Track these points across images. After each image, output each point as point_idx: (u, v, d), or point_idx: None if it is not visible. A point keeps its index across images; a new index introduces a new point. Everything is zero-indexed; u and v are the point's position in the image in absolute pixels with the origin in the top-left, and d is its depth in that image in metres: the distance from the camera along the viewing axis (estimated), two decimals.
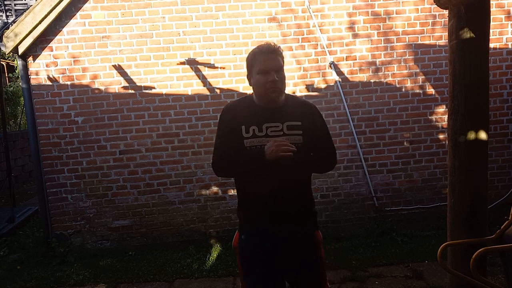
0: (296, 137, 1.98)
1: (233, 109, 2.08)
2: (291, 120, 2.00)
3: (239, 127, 1.98)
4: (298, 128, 2.00)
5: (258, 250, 2.03)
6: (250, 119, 1.99)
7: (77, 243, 4.55)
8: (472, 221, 1.93)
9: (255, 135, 1.96)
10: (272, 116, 1.99)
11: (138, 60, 4.38)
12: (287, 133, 1.97)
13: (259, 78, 1.95)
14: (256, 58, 1.97)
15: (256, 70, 1.96)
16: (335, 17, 4.44)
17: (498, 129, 4.66)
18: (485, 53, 1.89)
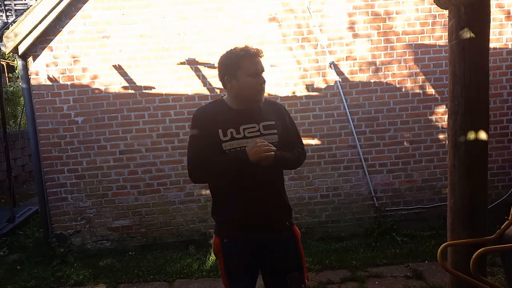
0: (272, 136, 2.02)
1: (207, 113, 2.05)
2: (266, 120, 2.04)
3: (215, 131, 1.97)
4: (273, 127, 2.05)
5: (244, 253, 2.05)
6: (227, 122, 1.99)
7: (77, 243, 4.55)
8: (472, 221, 1.93)
9: (233, 138, 1.97)
10: (247, 117, 2.02)
11: (138, 60, 4.38)
12: (264, 133, 2.01)
13: (250, 80, 1.96)
14: (244, 60, 1.97)
15: (246, 72, 1.96)
16: (335, 17, 4.44)
17: (498, 129, 4.66)
18: (485, 53, 1.89)
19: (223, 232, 2.08)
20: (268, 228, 2.05)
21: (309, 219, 4.65)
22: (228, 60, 2.00)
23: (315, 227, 4.65)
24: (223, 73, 2.02)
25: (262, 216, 2.02)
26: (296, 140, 2.19)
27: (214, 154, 1.97)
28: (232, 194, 2.02)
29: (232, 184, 2.00)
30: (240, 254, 2.05)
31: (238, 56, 1.98)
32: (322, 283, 3.61)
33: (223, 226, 2.09)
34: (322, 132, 4.56)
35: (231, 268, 2.07)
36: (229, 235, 2.06)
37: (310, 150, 4.58)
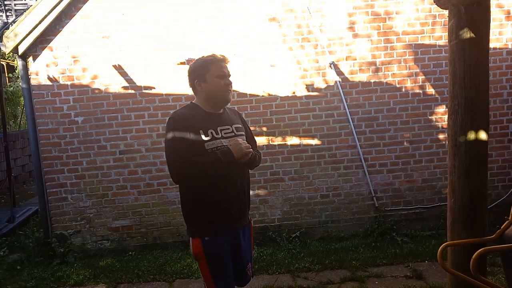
0: (243, 137, 2.24)
1: (185, 116, 2.15)
2: (235, 123, 2.27)
3: (196, 131, 2.09)
4: (241, 129, 2.28)
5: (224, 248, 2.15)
6: (205, 123, 2.13)
7: (77, 243, 4.55)
8: (472, 221, 1.93)
9: (214, 138, 2.11)
10: (221, 119, 2.21)
11: (138, 60, 4.38)
12: (237, 133, 2.22)
13: (218, 82, 2.16)
14: (211, 64, 2.18)
15: (214, 74, 2.16)
16: (335, 17, 4.44)
17: (498, 129, 4.66)
18: (485, 53, 1.89)
19: (203, 231, 2.16)
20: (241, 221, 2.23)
21: (309, 219, 4.65)
22: (197, 65, 2.20)
23: (315, 227, 4.65)
24: (193, 78, 2.21)
25: (238, 211, 2.19)
26: (254, 143, 2.40)
27: (196, 154, 2.07)
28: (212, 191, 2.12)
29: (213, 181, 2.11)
30: (222, 250, 2.14)
31: (207, 61, 2.19)
32: (322, 283, 3.61)
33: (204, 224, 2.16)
34: (322, 132, 4.56)
35: (216, 267, 2.14)
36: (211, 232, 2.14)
37: (310, 150, 4.58)
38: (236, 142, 2.09)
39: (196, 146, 2.07)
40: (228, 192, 2.14)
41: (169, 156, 2.11)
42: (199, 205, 2.16)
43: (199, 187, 2.14)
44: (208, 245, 2.13)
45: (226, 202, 2.14)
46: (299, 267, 3.92)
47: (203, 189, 2.13)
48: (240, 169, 2.17)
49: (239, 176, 2.18)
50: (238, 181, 2.17)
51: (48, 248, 4.45)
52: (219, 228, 2.14)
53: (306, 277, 3.76)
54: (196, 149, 2.07)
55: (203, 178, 2.10)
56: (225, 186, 2.13)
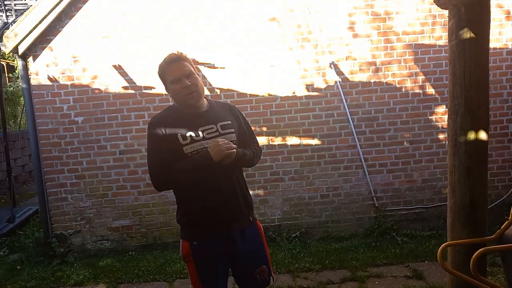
0: (231, 135, 2.07)
1: (163, 120, 2.06)
2: (222, 120, 2.09)
3: (174, 136, 1.99)
4: (230, 126, 2.10)
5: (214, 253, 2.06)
6: (184, 126, 2.01)
7: (77, 243, 4.55)
8: (472, 221, 1.93)
9: (193, 140, 2.00)
10: (203, 119, 2.06)
11: (138, 60, 4.38)
12: (222, 132, 2.05)
13: (174, 88, 2.03)
14: (164, 70, 2.07)
15: (169, 80, 2.04)
16: (335, 17, 4.44)
17: (498, 129, 4.66)
18: (485, 53, 1.89)
19: (192, 235, 2.09)
20: (236, 225, 2.09)
21: (309, 219, 4.65)
22: (158, 72, 2.11)
23: (315, 227, 4.65)
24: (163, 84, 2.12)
25: (229, 213, 2.06)
26: (252, 138, 2.26)
27: (176, 160, 1.98)
28: (197, 195, 2.03)
29: (197, 185, 2.01)
30: (211, 255, 2.06)
31: (161, 67, 2.10)
32: (322, 283, 3.62)
33: (192, 228, 2.09)
34: (322, 132, 4.56)
35: (204, 271, 2.07)
36: (198, 237, 2.07)
37: (310, 150, 4.58)
38: (215, 144, 1.95)
39: (175, 151, 1.98)
40: (212, 196, 2.01)
41: (148, 163, 2.05)
42: (186, 209, 2.09)
43: (184, 192, 2.07)
44: (196, 249, 2.06)
45: (212, 206, 2.02)
46: (299, 267, 3.92)
47: (188, 193, 2.06)
48: (224, 171, 2.01)
49: (223, 178, 2.03)
50: (223, 184, 2.03)
51: (48, 248, 4.45)
52: (208, 233, 2.06)
53: (306, 277, 3.76)
54: (176, 154, 1.98)
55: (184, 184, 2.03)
56: (208, 190, 2.01)
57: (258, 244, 2.18)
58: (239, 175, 2.15)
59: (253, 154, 2.17)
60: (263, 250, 2.19)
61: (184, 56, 2.07)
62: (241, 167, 2.19)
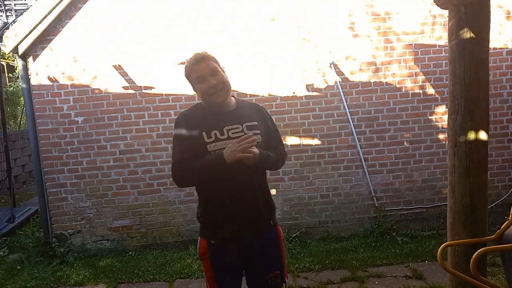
0: (256, 136, 2.01)
1: (189, 117, 2.06)
2: (249, 121, 2.07)
3: (200, 133, 1.99)
4: (256, 127, 2.07)
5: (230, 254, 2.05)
6: (210, 124, 2.01)
7: (77, 243, 4.55)
8: (472, 221, 1.93)
9: (217, 139, 1.99)
10: (230, 118, 2.05)
11: (138, 60, 4.38)
12: (248, 133, 2.02)
13: (200, 87, 2.03)
14: (190, 70, 2.05)
15: (195, 80, 2.04)
16: (335, 17, 4.44)
17: (498, 129, 4.66)
18: (485, 53, 1.89)
19: (210, 234, 2.08)
20: (253, 228, 2.06)
21: (309, 219, 4.65)
22: (184, 74, 2.10)
23: (315, 227, 4.65)
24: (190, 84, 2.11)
25: (248, 215, 2.04)
26: (278, 141, 2.24)
27: (198, 157, 1.97)
28: (217, 194, 2.02)
29: (217, 184, 1.99)
30: (227, 255, 2.05)
31: (187, 67, 2.08)
32: (322, 283, 3.62)
33: (209, 227, 2.08)
34: (322, 132, 4.56)
35: (219, 270, 2.06)
36: (216, 236, 2.06)
37: (310, 150, 4.58)
38: (230, 146, 1.90)
39: (200, 149, 1.98)
40: (230, 197, 2.00)
41: (172, 160, 2.06)
42: (204, 207, 2.09)
43: (205, 190, 2.08)
44: (213, 249, 2.05)
45: (229, 206, 2.01)
46: (299, 267, 3.92)
47: (207, 192, 2.06)
48: (244, 172, 1.96)
49: (243, 179, 1.99)
50: (242, 185, 2.00)
51: (48, 248, 4.45)
52: (225, 233, 2.04)
53: (306, 277, 3.76)
54: (200, 152, 1.98)
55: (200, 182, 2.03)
56: (226, 190, 2.00)
57: (275, 249, 2.14)
58: (261, 177, 2.12)
59: (277, 157, 2.14)
60: (279, 255, 2.15)
61: (208, 55, 2.06)
62: (264, 170, 2.16)
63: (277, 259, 2.15)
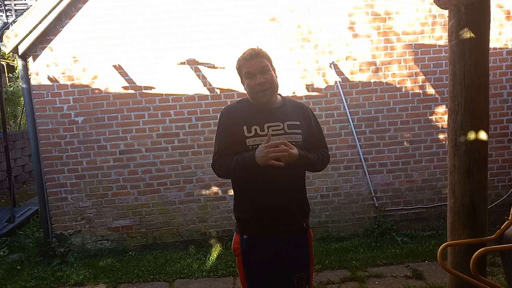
0: (296, 136, 2.04)
1: (233, 110, 2.10)
2: (290, 120, 2.07)
3: (240, 127, 2.01)
4: (298, 127, 2.06)
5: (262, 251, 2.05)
6: (251, 119, 2.02)
7: (77, 243, 4.55)
8: (472, 221, 1.93)
9: (257, 134, 2.00)
10: (272, 116, 2.05)
11: (138, 60, 4.38)
12: (288, 131, 2.02)
13: (248, 82, 2.04)
14: (242, 64, 2.06)
15: (245, 75, 2.05)
16: (335, 17, 4.44)
17: (498, 129, 4.66)
18: (485, 53, 1.89)
19: (243, 229, 2.09)
20: (286, 228, 2.06)
21: (309, 219, 4.63)
22: (236, 66, 2.11)
23: (315, 227, 4.65)
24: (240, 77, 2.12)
25: (282, 215, 2.04)
26: (321, 143, 2.21)
27: (237, 150, 2.00)
28: (252, 191, 2.04)
29: (252, 181, 2.01)
30: (259, 251, 2.05)
31: (239, 61, 2.08)
32: (322, 283, 3.61)
33: (244, 223, 2.09)
34: None
35: (250, 266, 2.07)
36: (249, 232, 2.07)
37: None
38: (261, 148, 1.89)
39: (239, 142, 1.99)
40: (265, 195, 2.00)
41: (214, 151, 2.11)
42: (240, 202, 2.11)
43: (241, 185, 2.09)
44: (245, 243, 2.06)
45: (263, 204, 2.01)
46: None
47: (243, 187, 2.08)
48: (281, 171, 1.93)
49: (279, 178, 1.97)
50: (278, 184, 1.98)
51: (48, 248, 4.45)
52: (257, 229, 2.05)
53: None
54: (239, 145, 1.99)
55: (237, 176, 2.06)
56: (261, 188, 1.99)
57: (304, 252, 2.13)
58: (298, 178, 2.10)
59: (317, 158, 2.11)
60: (307, 258, 2.14)
61: (263, 52, 2.06)
62: (303, 171, 2.14)
63: (305, 260, 2.14)
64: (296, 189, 2.09)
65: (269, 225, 2.04)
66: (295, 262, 2.10)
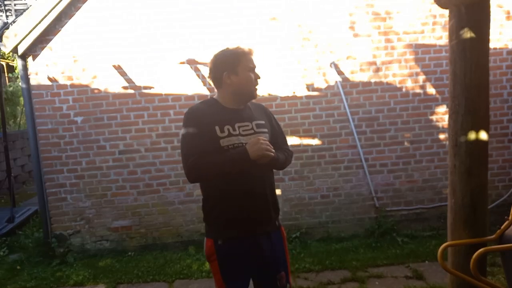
0: (265, 135, 2.05)
1: (201, 111, 2.03)
2: (257, 119, 2.09)
3: (212, 127, 1.96)
4: (264, 126, 2.09)
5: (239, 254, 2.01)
6: (222, 119, 1.99)
7: (76, 243, 4.55)
8: (473, 221, 1.93)
9: (231, 134, 1.97)
10: (240, 116, 2.04)
11: (138, 60, 4.37)
12: (257, 131, 2.03)
13: (249, 76, 2.03)
14: (243, 57, 2.04)
15: (247, 68, 2.03)
16: (335, 17, 4.43)
17: (498, 129, 4.65)
18: (486, 53, 1.88)
19: (217, 234, 2.04)
20: (261, 228, 2.05)
21: (309, 219, 4.64)
22: (227, 57, 2.04)
23: (315, 227, 4.64)
24: (222, 70, 2.02)
25: (257, 215, 2.03)
26: (283, 141, 2.23)
27: (211, 152, 1.94)
28: (227, 192, 1.99)
29: (228, 182, 1.96)
30: (235, 255, 2.02)
31: (237, 53, 2.04)
32: (322, 284, 3.61)
33: (218, 226, 2.04)
34: (322, 132, 4.55)
35: (227, 271, 2.03)
36: (224, 236, 2.02)
37: (310, 150, 4.57)
38: (255, 141, 1.89)
39: (211, 142, 1.94)
40: (243, 195, 1.97)
41: (182, 153, 2.00)
42: (213, 206, 2.04)
43: (214, 188, 2.02)
44: (220, 249, 2.01)
45: (241, 206, 1.98)
46: (299, 268, 3.91)
47: (218, 190, 2.01)
48: (257, 171, 1.96)
49: (256, 178, 1.99)
50: (255, 184, 1.99)
51: (48, 248, 4.44)
52: (233, 233, 2.00)
53: (306, 277, 3.75)
54: (211, 146, 1.93)
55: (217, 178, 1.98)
56: (240, 189, 1.97)
57: (281, 251, 2.13)
58: (271, 177, 2.12)
59: (285, 157, 2.13)
60: (284, 257, 2.15)
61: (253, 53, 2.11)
62: (273, 170, 2.14)
63: (283, 260, 2.14)
64: (270, 188, 2.09)
65: (245, 227, 2.01)
66: (275, 262, 2.09)
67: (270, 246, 2.06)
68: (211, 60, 2.08)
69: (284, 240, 2.18)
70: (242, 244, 2.02)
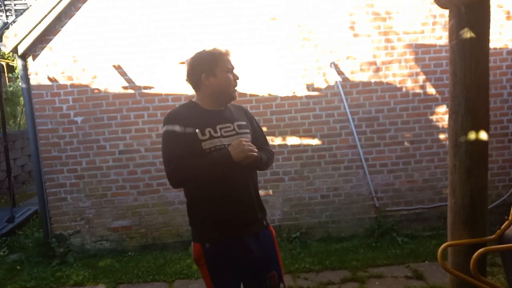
0: (247, 136, 2.05)
1: (180, 114, 2.01)
2: (238, 120, 2.08)
3: (193, 130, 1.95)
4: (246, 127, 2.09)
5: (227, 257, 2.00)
6: (202, 122, 1.98)
7: (76, 243, 4.54)
8: (473, 221, 1.93)
9: (212, 136, 1.96)
10: (221, 117, 2.04)
11: (138, 60, 4.37)
12: (239, 132, 2.03)
13: (228, 76, 2.03)
14: (220, 58, 2.03)
15: (224, 69, 2.02)
16: (335, 17, 4.43)
17: (498, 129, 4.65)
18: (486, 53, 1.88)
19: (204, 237, 2.02)
20: (248, 229, 2.04)
21: (310, 219, 4.64)
22: (204, 59, 2.03)
23: (315, 227, 4.64)
24: (200, 72, 2.01)
25: (243, 216, 2.01)
26: (264, 141, 2.23)
27: (193, 155, 1.93)
28: (212, 195, 1.97)
29: (212, 185, 1.95)
30: (224, 258, 2.00)
31: (214, 54, 2.04)
32: (322, 284, 3.61)
33: (205, 230, 2.03)
34: (322, 132, 4.55)
35: (217, 274, 2.01)
36: (211, 239, 2.00)
37: (310, 150, 4.57)
38: (237, 143, 1.90)
39: (193, 146, 1.92)
40: (228, 197, 1.96)
41: (164, 157, 1.97)
42: (199, 209, 2.02)
43: (199, 191, 1.99)
44: (209, 252, 1.99)
45: (227, 207, 1.96)
46: (299, 268, 3.91)
47: (202, 193, 1.98)
48: (241, 172, 1.97)
49: (240, 180, 1.98)
50: (239, 186, 1.98)
51: (48, 248, 4.44)
52: (221, 235, 1.99)
53: (306, 277, 3.75)
54: (193, 149, 1.92)
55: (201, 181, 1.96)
56: (224, 191, 1.95)
57: (271, 250, 2.12)
58: (255, 178, 2.11)
59: (267, 158, 2.13)
60: (275, 256, 2.14)
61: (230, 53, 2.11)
62: (256, 171, 2.14)
63: (274, 259, 2.13)
64: (254, 188, 2.08)
65: (232, 229, 2.00)
66: (265, 262, 2.08)
67: (258, 247, 2.05)
68: (188, 63, 2.07)
69: (274, 239, 2.16)
70: (230, 246, 2.00)
